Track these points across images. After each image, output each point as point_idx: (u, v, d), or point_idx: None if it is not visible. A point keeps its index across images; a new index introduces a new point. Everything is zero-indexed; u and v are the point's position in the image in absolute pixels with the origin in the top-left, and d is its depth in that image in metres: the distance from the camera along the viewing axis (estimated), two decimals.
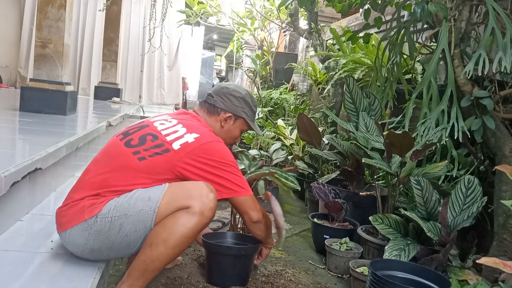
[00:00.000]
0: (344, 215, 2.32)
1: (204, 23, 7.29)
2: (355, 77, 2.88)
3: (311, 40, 4.33)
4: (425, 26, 2.18)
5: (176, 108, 8.01)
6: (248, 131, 4.14)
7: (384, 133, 2.27)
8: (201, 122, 1.58)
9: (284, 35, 7.45)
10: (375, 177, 2.46)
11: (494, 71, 1.73)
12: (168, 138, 1.43)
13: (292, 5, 4.55)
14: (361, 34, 2.55)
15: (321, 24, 4.49)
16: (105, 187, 1.37)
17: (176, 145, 1.41)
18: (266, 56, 6.47)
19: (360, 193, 2.36)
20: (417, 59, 2.65)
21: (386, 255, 1.73)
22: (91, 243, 1.34)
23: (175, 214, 1.31)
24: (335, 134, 3.31)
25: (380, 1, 2.29)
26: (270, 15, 6.22)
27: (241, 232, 1.99)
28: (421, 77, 2.58)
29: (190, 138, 1.44)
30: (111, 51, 6.28)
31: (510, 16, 1.80)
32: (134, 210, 1.31)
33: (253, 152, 3.39)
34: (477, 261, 1.23)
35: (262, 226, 1.61)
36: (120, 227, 1.32)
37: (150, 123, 1.53)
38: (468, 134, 1.82)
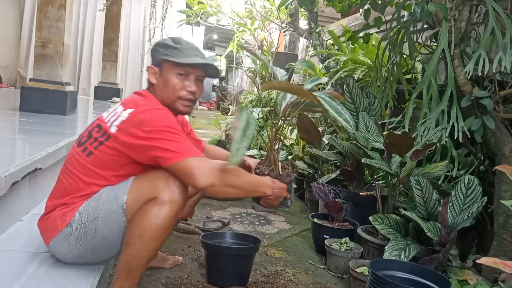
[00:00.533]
0: (344, 215, 2.32)
1: (204, 23, 7.28)
2: (355, 77, 2.88)
3: (311, 40, 4.33)
4: (425, 26, 2.18)
5: None
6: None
7: (384, 133, 2.27)
8: (145, 96, 1.44)
9: (284, 35, 7.45)
10: (375, 177, 2.46)
11: (494, 71, 1.73)
12: (108, 124, 1.36)
13: (292, 5, 4.54)
14: (361, 34, 2.55)
15: (321, 24, 4.48)
16: (71, 193, 1.35)
17: (113, 128, 1.33)
18: (266, 56, 6.47)
19: (360, 193, 2.36)
20: (417, 59, 2.65)
21: (386, 255, 1.73)
22: (75, 251, 1.34)
23: (144, 207, 1.27)
24: (335, 134, 3.31)
25: (380, 1, 2.29)
26: (270, 15, 6.21)
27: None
28: (421, 76, 2.58)
29: (125, 114, 1.33)
30: (111, 51, 6.29)
31: (510, 16, 1.80)
32: (103, 211, 1.29)
33: (252, 152, 3.40)
34: (477, 261, 1.23)
35: (222, 188, 1.32)
36: (96, 231, 1.30)
37: (101, 115, 1.45)
38: (468, 134, 1.82)
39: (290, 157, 3.42)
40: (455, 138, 1.82)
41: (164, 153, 1.27)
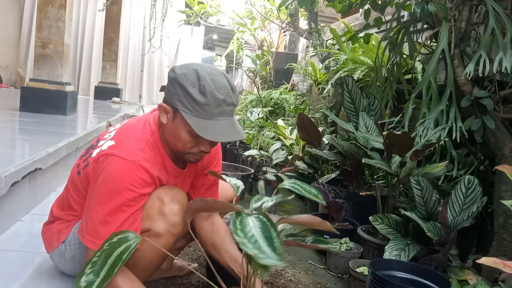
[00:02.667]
0: (344, 215, 2.32)
1: (204, 23, 7.29)
2: (355, 77, 2.88)
3: (311, 40, 4.33)
4: (425, 26, 2.18)
5: None
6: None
7: (384, 133, 2.27)
8: (144, 125, 1.23)
9: (284, 35, 7.45)
10: (375, 177, 2.46)
11: (494, 71, 1.73)
12: (100, 143, 1.23)
13: (292, 5, 4.55)
14: (361, 34, 2.56)
15: (321, 24, 4.49)
16: (66, 209, 1.29)
17: (94, 153, 1.20)
18: (266, 56, 6.47)
19: (360, 193, 2.36)
20: (417, 59, 2.65)
21: (386, 255, 1.73)
22: (71, 269, 1.31)
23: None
24: (335, 134, 3.31)
25: (380, 1, 2.29)
26: (270, 15, 6.22)
27: None
28: (421, 76, 2.58)
29: (106, 146, 1.19)
30: (111, 51, 6.29)
31: (510, 16, 1.80)
32: None
33: (253, 152, 3.40)
34: (477, 261, 1.23)
35: None
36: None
37: (108, 128, 1.34)
38: (467, 134, 1.82)
39: (290, 157, 3.42)
40: (455, 138, 1.82)
41: (85, 222, 1.13)
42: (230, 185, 1.46)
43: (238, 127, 1.18)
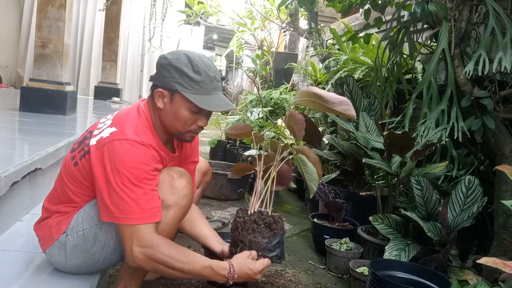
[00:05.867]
0: (344, 215, 2.31)
1: (204, 23, 7.29)
2: (355, 77, 2.88)
3: (311, 40, 4.33)
4: (425, 26, 2.18)
5: None
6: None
7: (384, 133, 2.27)
8: (139, 111, 1.30)
9: (284, 35, 7.45)
10: (375, 177, 2.46)
11: (494, 71, 1.73)
12: (95, 133, 1.27)
13: (292, 5, 4.54)
14: (361, 34, 2.55)
15: (321, 24, 4.49)
16: (64, 202, 1.30)
17: (93, 141, 1.24)
18: (266, 56, 6.47)
19: (360, 193, 2.36)
20: (417, 59, 2.65)
21: (386, 255, 1.73)
22: (73, 260, 1.29)
23: None
24: (335, 134, 3.31)
25: (380, 1, 2.29)
26: (270, 15, 6.22)
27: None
28: (421, 76, 2.58)
29: (106, 133, 1.23)
30: (111, 51, 6.29)
31: (510, 16, 1.80)
32: None
33: (253, 152, 3.39)
34: (477, 261, 1.22)
35: (153, 270, 1.23)
36: (95, 238, 1.26)
37: (99, 120, 1.37)
38: (468, 134, 1.82)
39: (290, 157, 3.42)
40: (455, 138, 1.82)
41: (111, 205, 1.16)
42: (203, 162, 1.77)
43: (228, 100, 1.34)
